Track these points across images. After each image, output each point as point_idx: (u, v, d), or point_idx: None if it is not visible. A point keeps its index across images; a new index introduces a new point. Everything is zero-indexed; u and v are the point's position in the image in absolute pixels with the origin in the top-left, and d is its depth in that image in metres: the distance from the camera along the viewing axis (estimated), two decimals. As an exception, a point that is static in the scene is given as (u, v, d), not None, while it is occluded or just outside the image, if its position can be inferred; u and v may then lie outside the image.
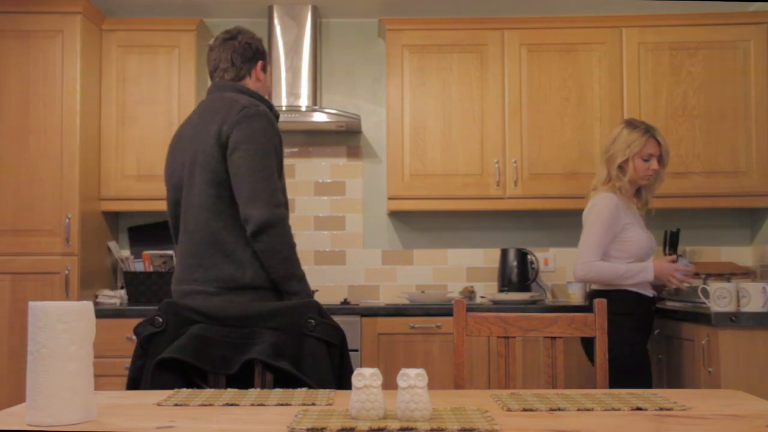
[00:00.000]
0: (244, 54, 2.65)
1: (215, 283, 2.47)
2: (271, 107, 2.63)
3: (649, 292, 3.21)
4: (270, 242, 2.43)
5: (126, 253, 4.28)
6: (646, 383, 3.06)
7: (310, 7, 4.18)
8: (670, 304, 3.55)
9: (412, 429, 1.46)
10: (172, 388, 1.99)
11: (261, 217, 2.41)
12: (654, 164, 3.17)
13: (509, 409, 1.68)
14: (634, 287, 3.15)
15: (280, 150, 2.55)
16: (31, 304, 1.50)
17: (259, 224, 2.41)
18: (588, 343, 3.04)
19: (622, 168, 3.19)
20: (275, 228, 2.43)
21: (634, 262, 3.15)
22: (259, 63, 2.68)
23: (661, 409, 1.68)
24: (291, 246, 2.47)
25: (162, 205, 4.03)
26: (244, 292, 2.46)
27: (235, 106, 2.51)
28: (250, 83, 2.67)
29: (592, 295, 3.26)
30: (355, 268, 4.36)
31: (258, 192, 2.43)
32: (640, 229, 3.20)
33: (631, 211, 3.22)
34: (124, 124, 4.05)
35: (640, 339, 3.13)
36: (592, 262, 3.11)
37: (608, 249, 3.14)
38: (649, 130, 3.19)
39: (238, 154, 2.45)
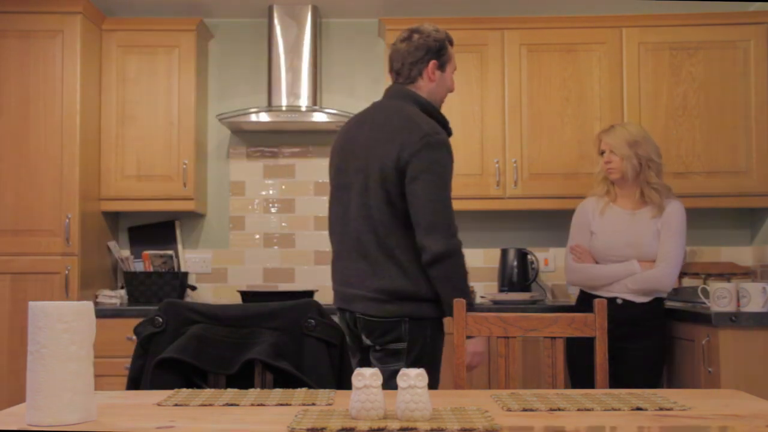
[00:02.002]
0: (415, 54, 2.68)
1: (388, 294, 2.57)
2: (446, 123, 2.72)
3: (605, 293, 3.20)
4: (444, 272, 2.53)
5: (126, 253, 4.28)
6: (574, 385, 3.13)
7: (310, 7, 4.18)
8: (670, 304, 3.54)
9: (412, 429, 1.46)
10: (172, 388, 1.99)
11: (438, 248, 2.51)
12: (606, 157, 3.25)
13: (509, 409, 1.68)
14: (591, 289, 3.26)
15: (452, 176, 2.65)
16: (31, 304, 1.50)
17: (435, 255, 2.51)
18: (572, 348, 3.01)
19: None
20: (450, 259, 2.53)
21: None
22: (432, 63, 2.70)
23: (661, 409, 1.68)
24: (463, 275, 2.57)
25: (161, 205, 4.08)
26: (413, 302, 2.57)
27: (417, 131, 2.56)
28: (422, 84, 2.71)
29: (581, 297, 3.36)
30: (355, 268, 4.35)
31: (436, 223, 2.53)
32: (604, 234, 3.23)
33: (603, 215, 3.27)
34: (124, 124, 4.05)
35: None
36: (568, 263, 3.34)
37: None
38: (603, 130, 3.36)
39: (418, 184, 2.53)
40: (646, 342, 3.16)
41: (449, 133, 2.70)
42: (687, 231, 4.13)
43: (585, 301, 3.28)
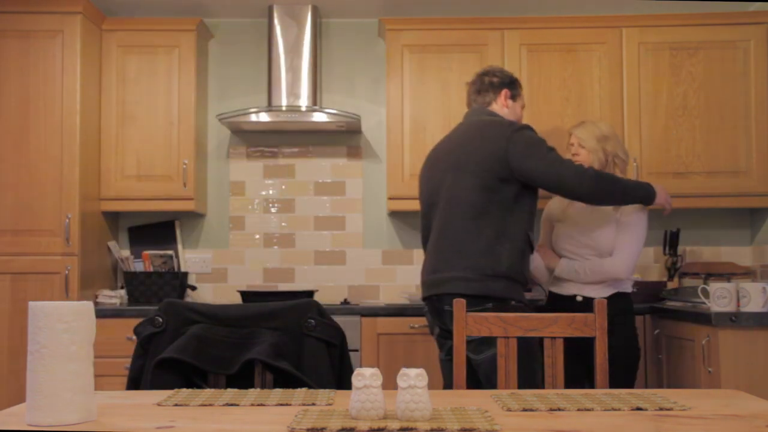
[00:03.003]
0: (490, 85, 3.12)
1: (475, 271, 2.82)
2: None
3: (564, 290, 3.25)
4: (605, 197, 2.97)
5: (126, 253, 4.28)
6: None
7: (310, 7, 4.18)
8: (670, 304, 3.55)
9: (412, 429, 1.46)
10: (172, 388, 1.99)
11: (586, 190, 2.90)
12: (574, 150, 3.29)
13: (509, 409, 1.68)
14: (554, 287, 3.33)
15: None
16: (31, 304, 1.50)
17: (590, 195, 2.94)
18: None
19: None
20: (596, 186, 2.91)
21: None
22: (504, 91, 3.12)
23: (661, 409, 1.68)
24: (616, 182, 2.98)
25: (161, 205, 4.08)
26: (499, 280, 2.82)
27: (501, 125, 2.95)
28: (497, 109, 3.11)
29: (549, 298, 3.41)
30: (355, 268, 4.36)
31: (567, 177, 2.88)
32: (565, 225, 3.30)
33: (567, 210, 3.31)
34: (124, 124, 4.05)
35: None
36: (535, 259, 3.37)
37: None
38: (573, 125, 3.41)
39: (528, 163, 2.87)
40: (611, 338, 3.13)
41: None
42: (687, 231, 4.16)
43: (551, 302, 3.34)
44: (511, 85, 3.15)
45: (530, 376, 2.63)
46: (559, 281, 3.29)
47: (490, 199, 2.86)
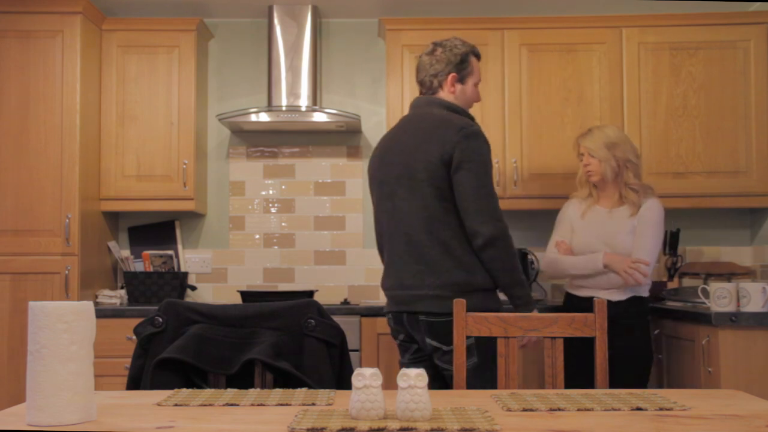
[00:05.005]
0: (436, 67, 2.84)
1: (449, 288, 2.66)
2: (473, 119, 2.82)
3: (582, 293, 3.29)
4: (497, 254, 2.66)
5: (126, 253, 4.28)
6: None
7: (310, 7, 4.18)
8: (670, 304, 3.55)
9: (412, 429, 1.46)
10: (172, 388, 1.99)
11: (488, 232, 2.63)
12: (585, 160, 3.31)
13: (509, 409, 1.68)
14: (571, 289, 3.38)
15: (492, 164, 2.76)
16: (31, 304, 1.50)
17: (487, 239, 2.64)
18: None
19: None
20: (500, 241, 2.65)
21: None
22: (451, 76, 2.83)
23: (661, 409, 1.68)
24: (514, 256, 2.69)
25: (161, 205, 4.08)
26: (474, 294, 2.64)
27: (452, 126, 2.70)
28: (443, 95, 2.85)
29: (565, 299, 3.46)
30: (355, 268, 4.36)
31: (482, 208, 2.65)
32: (582, 233, 3.32)
33: (584, 216, 3.35)
34: (124, 124, 4.05)
35: None
36: (547, 255, 3.40)
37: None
38: (581, 134, 3.39)
39: (461, 173, 2.66)
40: (626, 340, 3.14)
41: None
42: (687, 231, 4.17)
43: (568, 302, 3.39)
44: (460, 65, 2.83)
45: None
46: (577, 284, 3.33)
47: (447, 208, 2.68)
